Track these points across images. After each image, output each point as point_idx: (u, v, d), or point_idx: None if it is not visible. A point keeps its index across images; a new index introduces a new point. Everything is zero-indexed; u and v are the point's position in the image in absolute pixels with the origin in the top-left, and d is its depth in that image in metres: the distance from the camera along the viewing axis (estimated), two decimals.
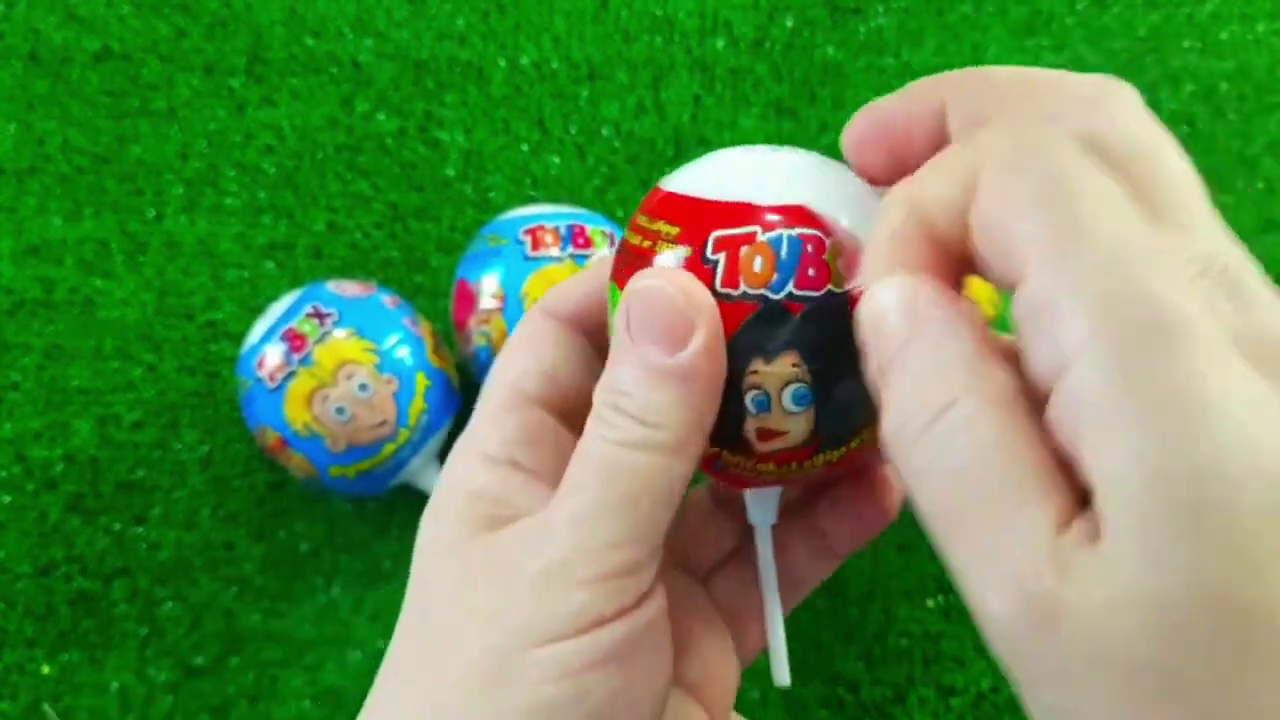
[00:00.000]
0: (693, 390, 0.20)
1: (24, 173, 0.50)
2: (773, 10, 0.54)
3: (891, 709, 0.43)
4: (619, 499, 0.20)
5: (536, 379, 0.23)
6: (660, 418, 0.20)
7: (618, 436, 0.20)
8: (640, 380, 0.20)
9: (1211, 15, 0.54)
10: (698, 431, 0.20)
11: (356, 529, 0.45)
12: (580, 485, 0.20)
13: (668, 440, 0.20)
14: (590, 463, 0.21)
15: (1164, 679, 0.14)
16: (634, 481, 0.20)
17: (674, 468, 0.20)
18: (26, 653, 0.44)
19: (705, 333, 0.20)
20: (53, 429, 0.46)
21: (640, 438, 0.20)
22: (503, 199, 0.50)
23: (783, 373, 0.21)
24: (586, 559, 0.20)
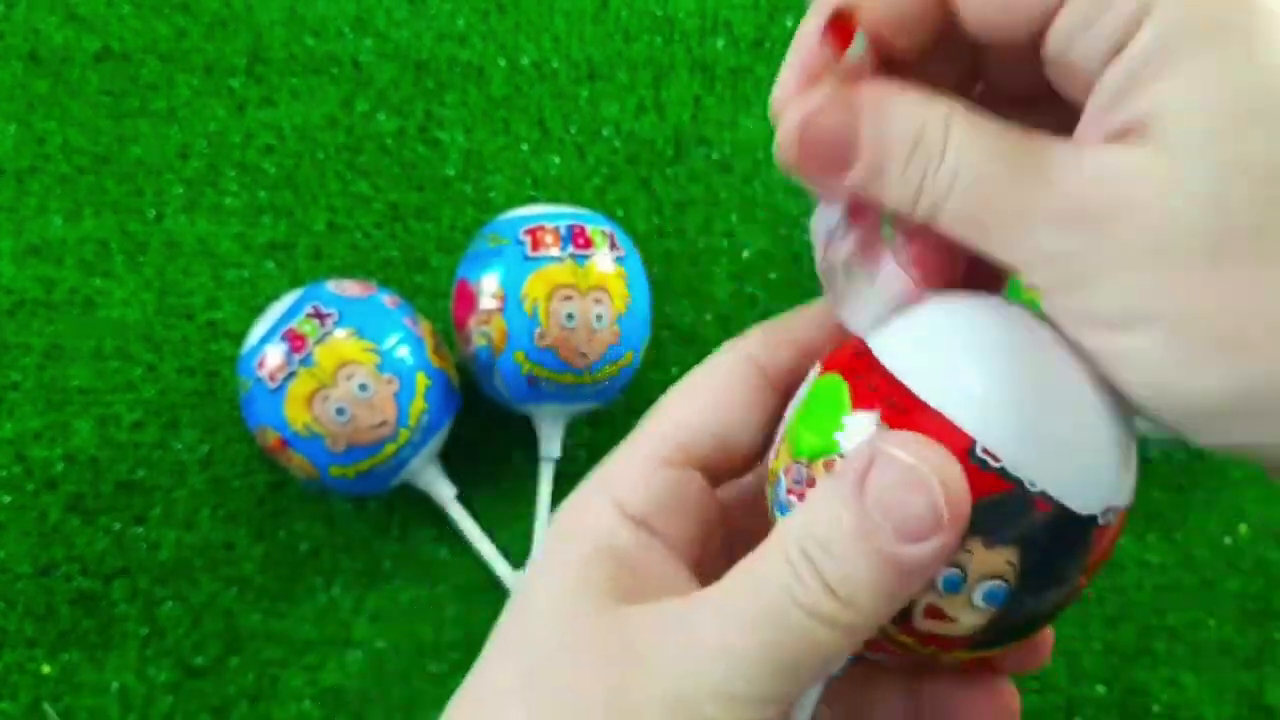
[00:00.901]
0: (903, 586, 0.18)
1: (24, 173, 0.50)
2: (773, 10, 0.54)
3: None
4: (780, 661, 0.18)
5: (706, 439, 0.21)
6: (858, 599, 0.18)
7: (804, 599, 0.18)
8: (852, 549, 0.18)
9: None
10: (886, 619, 0.19)
11: (357, 529, 0.45)
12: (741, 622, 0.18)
13: (854, 624, 0.18)
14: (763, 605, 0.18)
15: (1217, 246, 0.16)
16: (800, 650, 0.18)
17: (845, 648, 0.18)
18: (27, 652, 0.44)
19: (948, 539, 0.18)
20: (53, 429, 0.46)
21: (826, 610, 0.18)
22: (503, 199, 0.50)
23: (993, 565, 0.18)
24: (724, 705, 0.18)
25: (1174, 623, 0.43)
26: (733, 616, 0.18)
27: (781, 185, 0.51)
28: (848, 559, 0.18)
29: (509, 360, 0.42)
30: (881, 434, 0.18)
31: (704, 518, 0.22)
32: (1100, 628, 0.43)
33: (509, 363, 0.42)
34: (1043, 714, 0.42)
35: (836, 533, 0.18)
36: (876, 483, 0.18)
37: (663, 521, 0.21)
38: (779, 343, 0.22)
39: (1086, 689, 0.43)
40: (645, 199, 0.51)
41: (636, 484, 0.21)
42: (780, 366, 0.22)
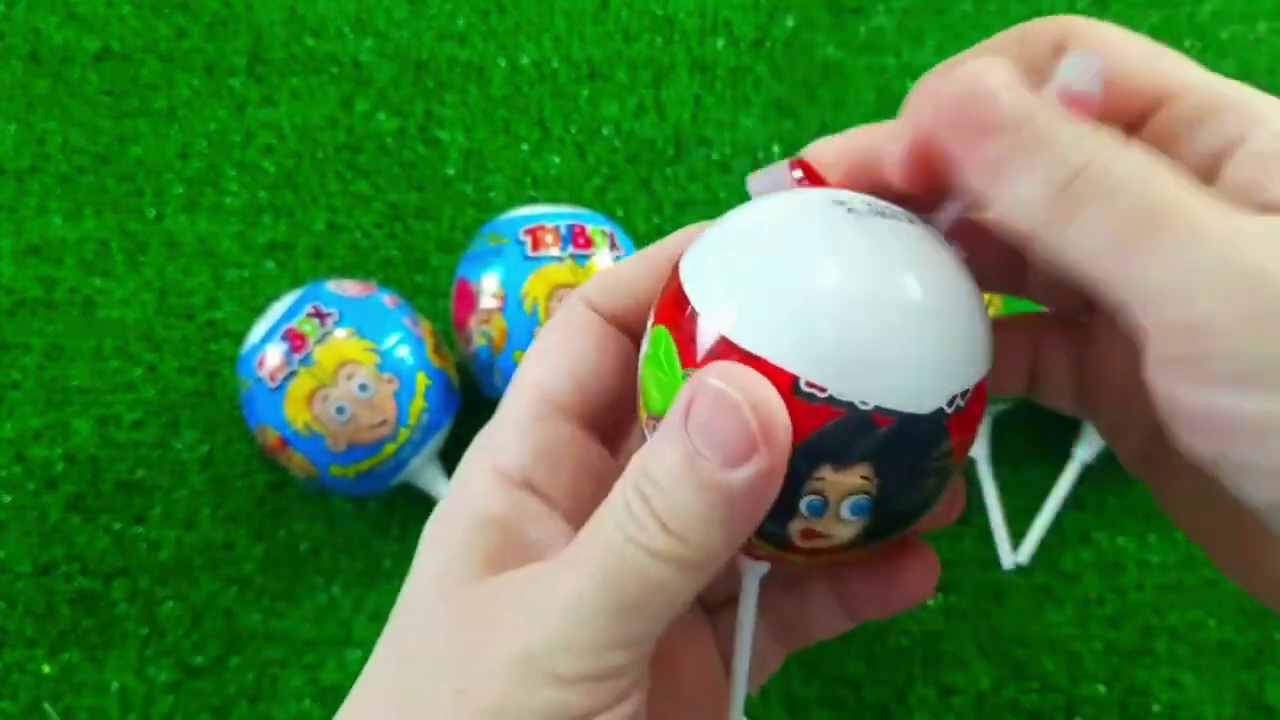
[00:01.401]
0: (733, 514, 0.18)
1: (24, 172, 0.50)
2: (773, 10, 0.54)
3: (892, 708, 0.43)
4: (620, 603, 0.18)
5: (569, 386, 0.22)
6: (689, 531, 0.18)
7: (639, 537, 0.18)
8: (680, 481, 0.18)
9: (1212, 15, 0.54)
10: (725, 551, 0.19)
11: (357, 528, 0.45)
12: (583, 572, 0.19)
13: (689, 558, 0.18)
14: (599, 552, 0.19)
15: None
16: (641, 589, 0.18)
17: (687, 584, 0.19)
18: (27, 652, 0.44)
19: (768, 459, 0.18)
20: (53, 428, 0.46)
21: (659, 544, 0.18)
22: (503, 199, 0.50)
23: (849, 484, 0.19)
24: (570, 655, 0.18)
25: (1174, 622, 0.43)
26: (576, 565, 0.19)
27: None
28: (677, 491, 0.18)
29: (509, 360, 0.42)
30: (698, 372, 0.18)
31: (584, 468, 0.21)
32: (1100, 627, 0.43)
33: (509, 362, 0.42)
34: (1042, 714, 0.42)
35: (664, 467, 0.18)
36: (696, 414, 0.18)
37: (541, 477, 0.21)
38: (614, 288, 0.22)
39: (1087, 689, 0.43)
40: (645, 199, 0.51)
41: (511, 444, 0.21)
42: (618, 311, 0.22)
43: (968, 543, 0.45)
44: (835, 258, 0.19)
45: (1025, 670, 0.43)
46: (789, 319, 0.18)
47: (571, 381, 0.22)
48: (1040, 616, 0.44)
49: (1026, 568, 0.44)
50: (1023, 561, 0.44)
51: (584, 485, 0.22)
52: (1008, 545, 0.44)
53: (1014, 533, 0.44)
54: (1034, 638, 0.43)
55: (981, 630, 0.44)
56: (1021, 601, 0.44)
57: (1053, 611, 0.44)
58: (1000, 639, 0.43)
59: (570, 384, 0.22)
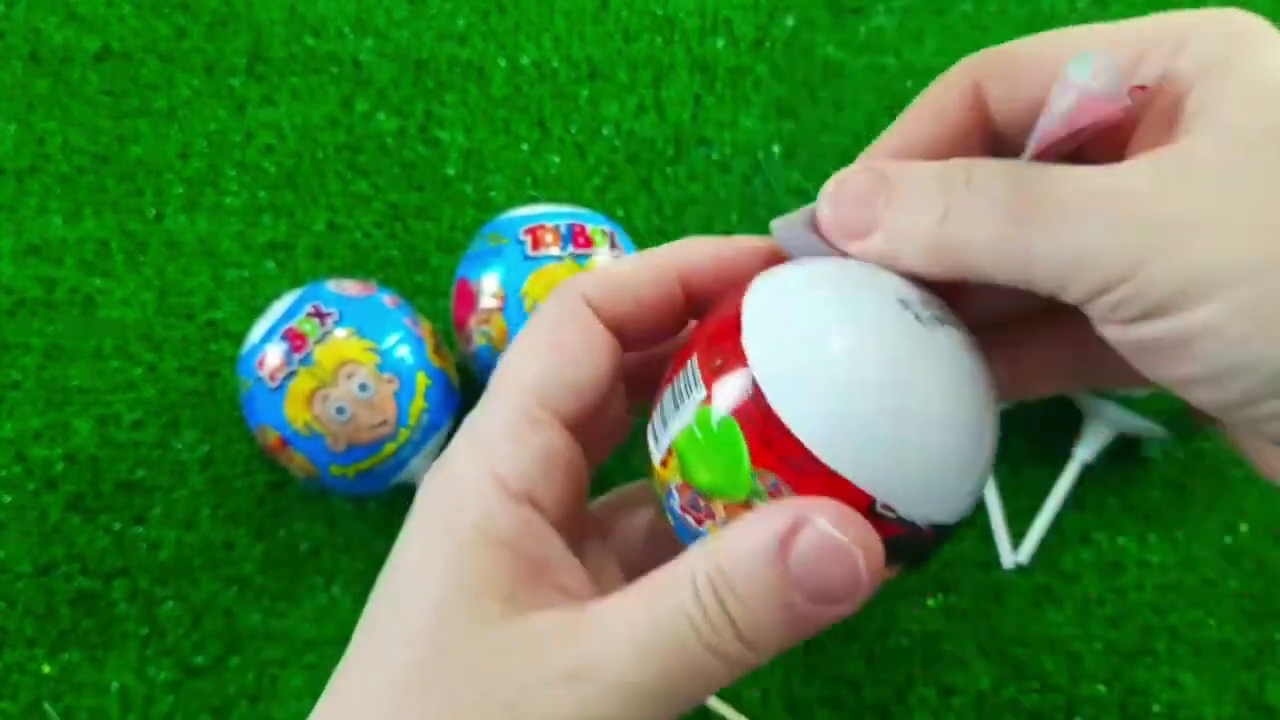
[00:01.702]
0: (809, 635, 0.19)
1: (24, 172, 0.50)
2: (773, 10, 0.54)
3: (892, 708, 0.43)
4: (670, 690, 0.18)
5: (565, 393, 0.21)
6: (761, 643, 0.18)
7: (710, 638, 0.18)
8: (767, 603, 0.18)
9: None
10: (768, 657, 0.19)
11: (357, 528, 0.45)
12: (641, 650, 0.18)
13: (754, 662, 0.19)
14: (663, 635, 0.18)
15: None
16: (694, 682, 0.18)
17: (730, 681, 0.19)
18: (27, 652, 0.44)
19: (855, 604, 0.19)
20: (53, 428, 0.46)
21: (731, 652, 0.18)
22: (503, 198, 0.50)
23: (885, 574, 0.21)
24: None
25: (1174, 622, 0.43)
26: (630, 643, 0.18)
27: (782, 185, 0.51)
28: (761, 609, 0.18)
29: None
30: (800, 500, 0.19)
31: (572, 477, 0.21)
32: (1101, 627, 0.43)
33: None
34: (1042, 714, 0.42)
35: (753, 585, 0.18)
36: (801, 549, 0.18)
37: (542, 492, 0.21)
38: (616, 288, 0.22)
39: (1087, 688, 0.43)
40: (645, 198, 0.51)
41: (512, 452, 0.20)
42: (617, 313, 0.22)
43: (968, 543, 0.45)
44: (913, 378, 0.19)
45: (1025, 670, 0.43)
46: (874, 442, 0.19)
47: (568, 388, 0.21)
48: (1040, 616, 0.44)
49: (1027, 568, 0.44)
50: (1023, 561, 0.44)
51: (571, 493, 0.21)
52: (1008, 545, 0.44)
53: (1014, 533, 0.44)
54: (1034, 638, 0.43)
55: (981, 630, 0.44)
56: (1021, 601, 0.44)
57: (1053, 611, 0.44)
58: (1000, 639, 0.43)
59: (566, 390, 0.21)
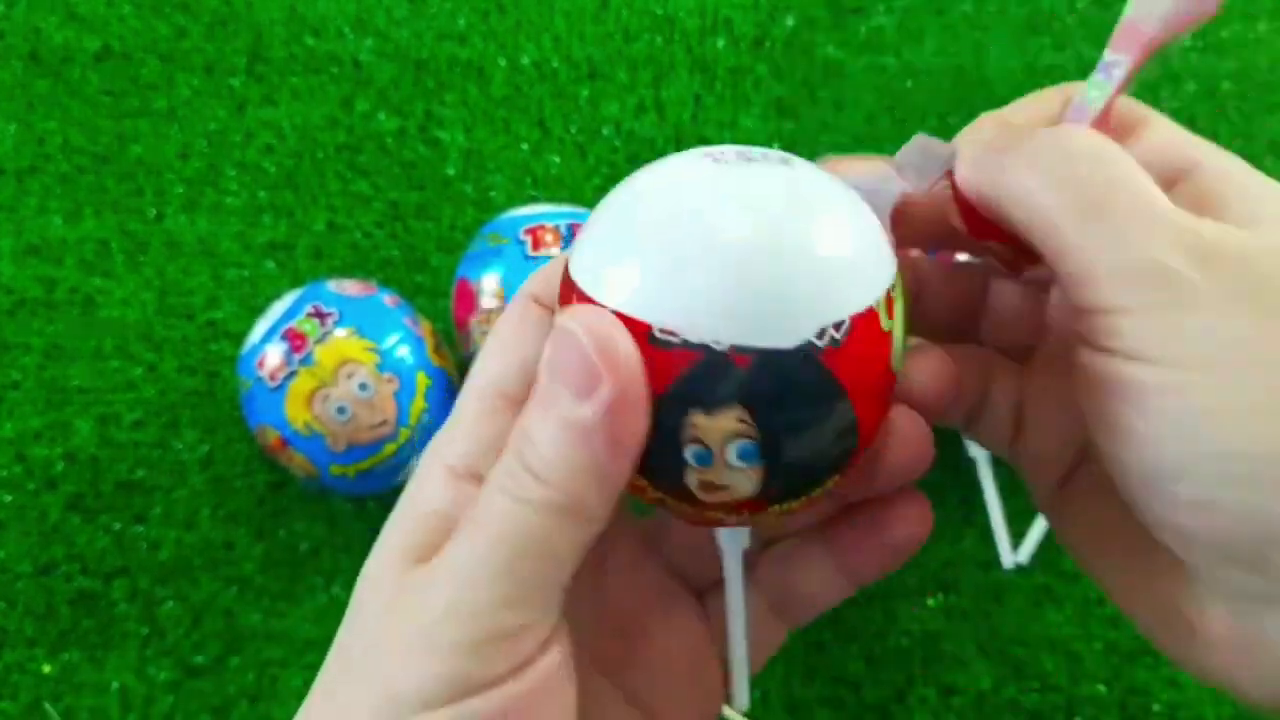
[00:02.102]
0: (592, 448, 0.18)
1: (24, 172, 0.50)
2: (773, 9, 0.54)
3: (892, 708, 0.43)
4: (503, 558, 0.18)
5: (519, 376, 0.22)
6: (555, 475, 0.18)
7: (513, 487, 0.19)
8: (543, 429, 0.18)
9: None
10: (598, 494, 0.19)
11: (357, 528, 0.45)
12: (469, 533, 0.19)
13: (559, 501, 0.18)
14: (481, 512, 0.19)
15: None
16: (519, 541, 0.18)
17: (566, 531, 0.18)
18: (27, 652, 0.44)
19: (610, 389, 0.18)
20: (53, 428, 0.46)
21: (533, 493, 0.18)
22: (503, 198, 0.50)
23: (725, 428, 0.19)
24: (462, 620, 0.18)
25: None
26: (464, 533, 0.19)
27: None
28: (542, 439, 0.18)
29: None
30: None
31: None
32: (1101, 627, 0.43)
33: None
34: (1043, 714, 0.42)
35: (532, 419, 0.19)
36: (547, 358, 0.19)
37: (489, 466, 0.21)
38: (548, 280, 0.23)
39: (1087, 688, 0.43)
40: None
41: (459, 439, 0.21)
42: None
43: (968, 543, 0.45)
44: (686, 207, 0.19)
45: (1025, 670, 0.43)
46: (640, 271, 0.19)
47: (521, 371, 0.22)
48: (1040, 616, 0.44)
49: (1027, 567, 0.44)
50: (1023, 561, 0.44)
51: None
52: (1008, 545, 0.44)
53: (1014, 532, 0.44)
54: (1034, 638, 0.43)
55: (981, 630, 0.44)
56: (1022, 601, 0.44)
57: (1053, 611, 0.44)
58: (1000, 639, 0.43)
59: (520, 374, 0.22)
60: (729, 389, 0.18)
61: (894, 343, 0.20)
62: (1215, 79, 0.53)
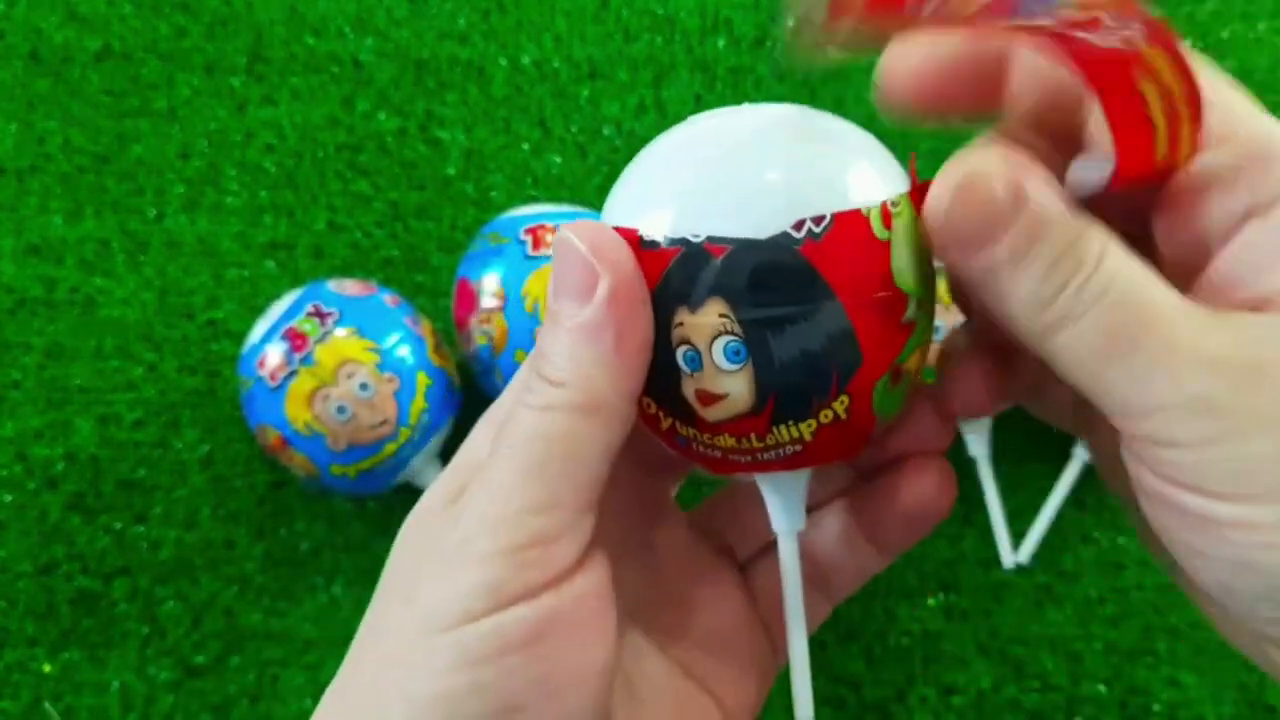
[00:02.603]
0: (600, 344, 0.19)
1: (25, 172, 0.50)
2: (773, 9, 0.54)
3: (892, 708, 0.43)
4: (529, 464, 0.19)
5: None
6: (569, 375, 0.19)
7: (533, 399, 0.19)
8: (554, 338, 0.19)
9: (1212, 14, 0.54)
10: (612, 390, 0.19)
11: (357, 528, 0.45)
12: (494, 452, 0.20)
13: (577, 400, 0.19)
14: (506, 428, 0.20)
15: None
16: (546, 445, 0.19)
17: (588, 429, 0.19)
18: (27, 651, 0.44)
19: (608, 282, 0.19)
20: (53, 428, 0.46)
21: (551, 399, 0.19)
22: (504, 198, 0.50)
23: (708, 323, 0.19)
24: (496, 529, 0.18)
25: (1175, 622, 0.43)
26: (489, 459, 0.20)
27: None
28: (554, 347, 0.19)
29: (510, 359, 0.42)
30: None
31: None
32: (1101, 627, 0.43)
33: (510, 362, 0.42)
34: (1043, 713, 0.42)
35: (544, 334, 0.20)
36: (551, 274, 0.20)
37: None
38: None
39: (1087, 688, 0.43)
40: None
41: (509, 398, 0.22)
42: None
43: (968, 542, 0.45)
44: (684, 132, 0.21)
45: (1026, 670, 0.43)
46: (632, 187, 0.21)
47: None
48: (1041, 616, 0.44)
49: (1027, 567, 0.44)
50: (1023, 561, 0.44)
51: None
52: (1008, 545, 0.44)
53: (1014, 532, 0.44)
54: (1034, 637, 0.43)
55: (982, 630, 0.44)
56: (1022, 601, 0.44)
57: (1053, 611, 0.44)
58: (1000, 638, 0.43)
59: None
60: (707, 280, 0.19)
61: (895, 258, 0.20)
62: None
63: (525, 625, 0.18)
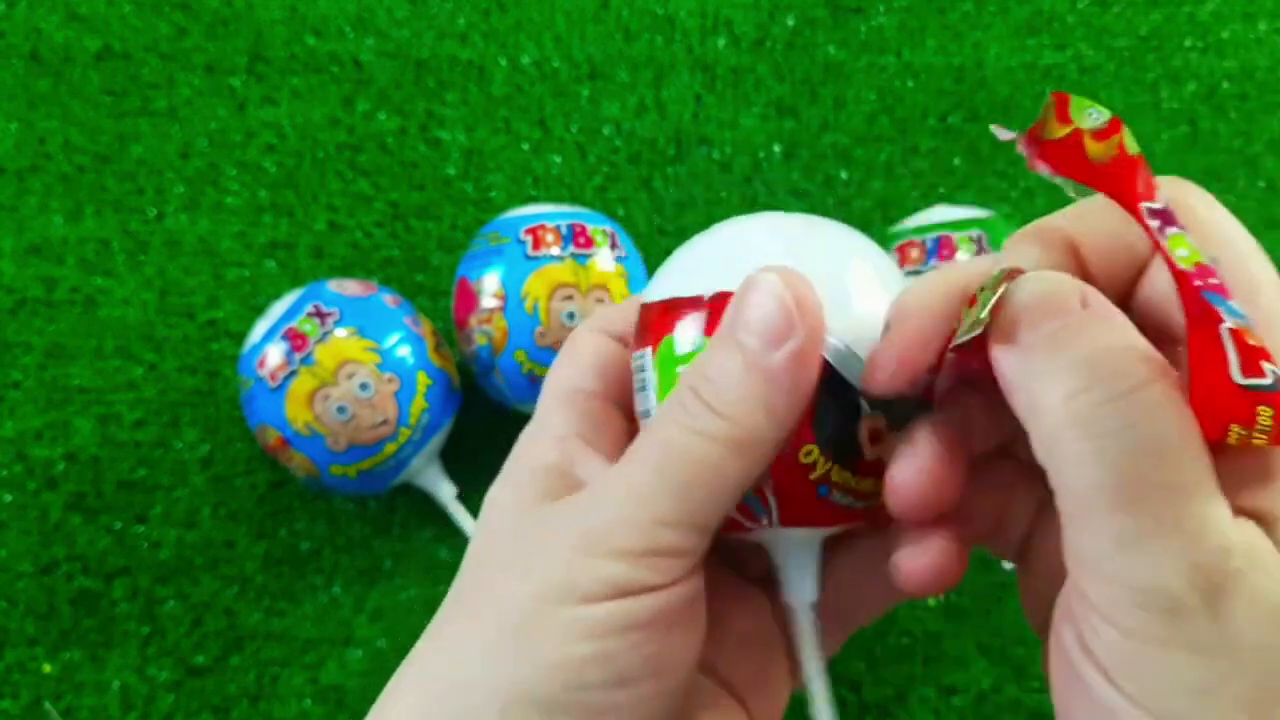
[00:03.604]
0: (774, 392, 0.20)
1: (25, 172, 0.50)
2: (774, 9, 0.54)
3: (893, 708, 0.43)
4: (673, 481, 0.20)
5: (590, 374, 0.24)
6: (733, 410, 0.20)
7: (687, 421, 0.20)
8: (725, 368, 0.20)
9: (1213, 14, 0.54)
10: (767, 435, 0.20)
11: (357, 528, 0.45)
12: (639, 459, 0.21)
13: (734, 435, 0.20)
14: (654, 440, 0.21)
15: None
16: (692, 468, 0.20)
17: (733, 465, 0.20)
18: (28, 651, 0.44)
19: (802, 340, 0.20)
20: (54, 428, 0.46)
21: (707, 426, 0.20)
22: (504, 198, 0.50)
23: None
24: (629, 531, 0.20)
25: None
26: (632, 458, 0.21)
27: (783, 185, 0.51)
28: (722, 376, 0.20)
29: (510, 359, 0.42)
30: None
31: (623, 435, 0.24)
32: None
33: (510, 362, 0.42)
34: (1043, 714, 0.42)
35: (713, 363, 0.20)
36: (738, 303, 0.21)
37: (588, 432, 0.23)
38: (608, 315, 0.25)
39: None
40: (646, 198, 0.51)
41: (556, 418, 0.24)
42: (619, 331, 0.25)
43: None
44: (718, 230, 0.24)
45: (1026, 670, 0.43)
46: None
47: (594, 371, 0.24)
48: None
49: None
50: None
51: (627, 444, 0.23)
52: None
53: None
54: (1034, 637, 0.43)
55: (982, 630, 0.44)
56: None
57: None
58: (1001, 639, 0.43)
59: (593, 373, 0.24)
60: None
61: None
62: (1215, 79, 0.53)
63: (644, 614, 0.20)
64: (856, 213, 0.50)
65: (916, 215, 0.45)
